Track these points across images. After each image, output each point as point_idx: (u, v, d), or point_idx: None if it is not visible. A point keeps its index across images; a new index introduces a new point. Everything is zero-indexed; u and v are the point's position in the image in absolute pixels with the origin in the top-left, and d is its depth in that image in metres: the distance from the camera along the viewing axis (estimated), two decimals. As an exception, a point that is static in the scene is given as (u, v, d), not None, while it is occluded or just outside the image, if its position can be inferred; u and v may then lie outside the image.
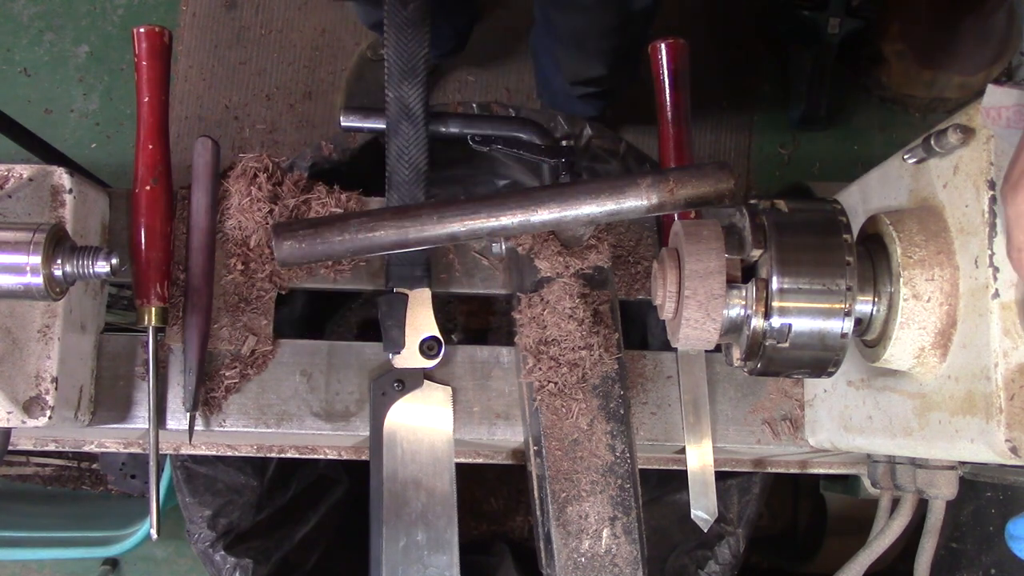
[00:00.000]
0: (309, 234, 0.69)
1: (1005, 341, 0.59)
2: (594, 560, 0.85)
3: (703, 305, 0.64)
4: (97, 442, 1.02)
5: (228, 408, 0.90)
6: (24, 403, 0.79)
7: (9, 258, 0.68)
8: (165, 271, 0.87)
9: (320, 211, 0.91)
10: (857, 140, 2.07)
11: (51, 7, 2.10)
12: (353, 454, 1.02)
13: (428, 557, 0.88)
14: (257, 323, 0.90)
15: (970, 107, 0.62)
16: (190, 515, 1.10)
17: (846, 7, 1.87)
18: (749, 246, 0.65)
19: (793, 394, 0.93)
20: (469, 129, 0.93)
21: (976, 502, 1.11)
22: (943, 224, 0.66)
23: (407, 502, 0.89)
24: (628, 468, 0.87)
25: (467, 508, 1.65)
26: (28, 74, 2.08)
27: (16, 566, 1.95)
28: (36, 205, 0.81)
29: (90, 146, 2.05)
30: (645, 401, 0.93)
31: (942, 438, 0.65)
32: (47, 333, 0.80)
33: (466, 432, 0.92)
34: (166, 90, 0.89)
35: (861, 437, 0.79)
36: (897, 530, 0.84)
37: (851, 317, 0.64)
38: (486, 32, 1.99)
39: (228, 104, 2.03)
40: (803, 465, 1.06)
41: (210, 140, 0.91)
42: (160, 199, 0.87)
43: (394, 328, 0.90)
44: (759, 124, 2.07)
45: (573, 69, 1.55)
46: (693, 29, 2.03)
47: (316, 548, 1.28)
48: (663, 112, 0.95)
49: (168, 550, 1.95)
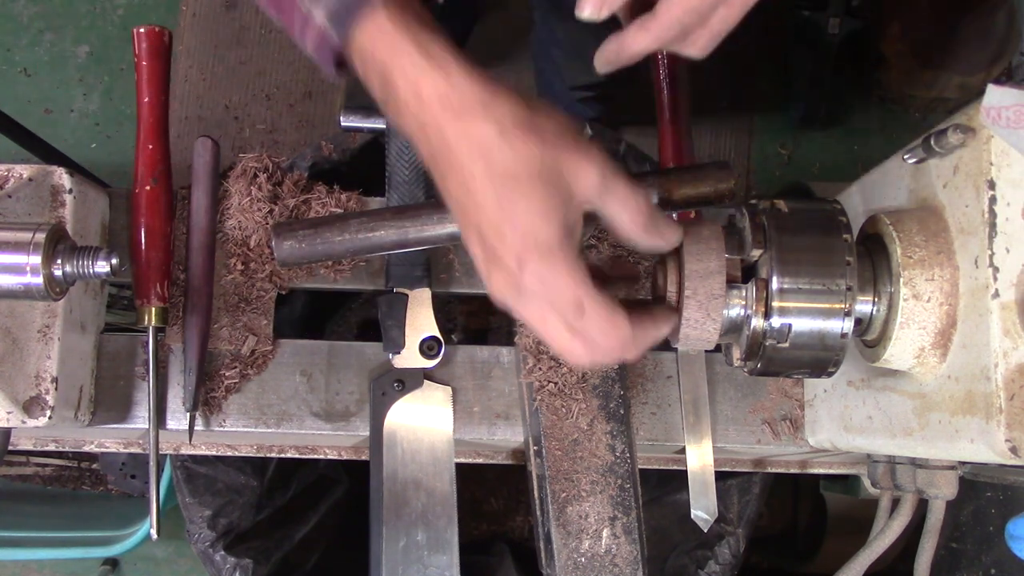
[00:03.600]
0: (309, 234, 0.69)
1: (1005, 341, 0.59)
2: (594, 560, 0.85)
3: (703, 305, 0.64)
4: (97, 442, 1.02)
5: (228, 408, 0.90)
6: (24, 403, 0.79)
7: (9, 258, 0.68)
8: (165, 271, 0.87)
9: (320, 211, 0.91)
10: (857, 140, 2.07)
11: (51, 7, 2.10)
12: (353, 454, 1.02)
13: (428, 557, 0.88)
14: (257, 323, 0.90)
15: (970, 107, 0.62)
16: (190, 515, 1.10)
17: (846, 7, 1.87)
18: (749, 246, 0.65)
19: (793, 394, 0.93)
20: (469, 129, 0.93)
21: (976, 502, 1.11)
22: (943, 224, 0.66)
23: (407, 502, 0.89)
24: (628, 468, 0.87)
25: (467, 508, 1.65)
26: (28, 74, 2.08)
27: (16, 566, 1.95)
28: (36, 205, 0.81)
29: (90, 146, 2.05)
30: (645, 401, 0.93)
31: (942, 438, 0.65)
32: (47, 333, 0.80)
33: (466, 432, 0.92)
34: (166, 90, 0.88)
35: (861, 437, 0.79)
36: (897, 530, 0.84)
37: (851, 317, 0.64)
38: (486, 32, 1.99)
39: (228, 104, 2.03)
40: (803, 465, 1.06)
41: (210, 140, 0.91)
42: (160, 199, 0.87)
43: (394, 328, 0.90)
44: (759, 124, 2.07)
45: (573, 75, 1.55)
46: (693, 29, 2.03)
47: (316, 548, 1.28)
48: (663, 112, 0.95)
49: (168, 550, 1.95)
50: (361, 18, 0.54)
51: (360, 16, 0.54)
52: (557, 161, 0.53)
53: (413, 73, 0.54)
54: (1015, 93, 0.57)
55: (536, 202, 0.53)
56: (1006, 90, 0.57)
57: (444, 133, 0.54)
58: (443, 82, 0.53)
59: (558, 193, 0.54)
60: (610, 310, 0.56)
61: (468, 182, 0.54)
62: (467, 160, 0.53)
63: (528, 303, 0.56)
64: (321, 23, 0.56)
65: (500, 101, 0.53)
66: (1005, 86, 0.57)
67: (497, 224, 0.54)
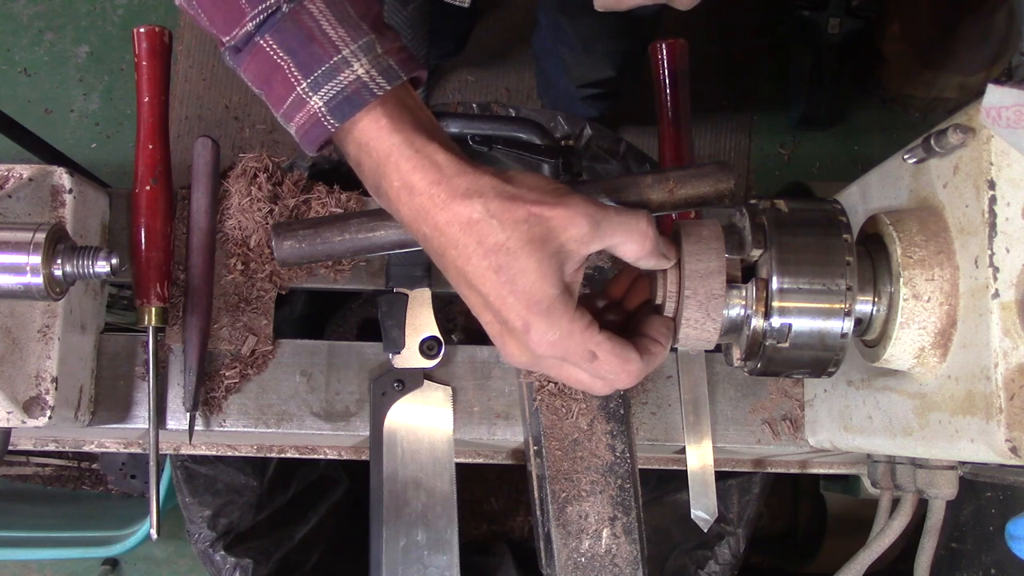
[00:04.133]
0: (309, 234, 0.69)
1: (1005, 341, 0.59)
2: (594, 560, 0.85)
3: (703, 305, 0.64)
4: (97, 442, 1.02)
5: (228, 408, 0.90)
6: (24, 403, 0.79)
7: (9, 258, 0.68)
8: (165, 271, 0.87)
9: (320, 211, 0.92)
10: (857, 140, 2.07)
11: (51, 7, 2.10)
12: (353, 454, 1.02)
13: (428, 557, 0.88)
14: (257, 323, 0.90)
15: (970, 107, 0.62)
16: (190, 515, 1.10)
17: (846, 7, 1.87)
18: (749, 246, 0.65)
19: (793, 394, 0.93)
20: (469, 129, 0.93)
21: (976, 502, 1.11)
22: (943, 224, 0.66)
23: (407, 502, 0.89)
24: (628, 468, 0.87)
25: (467, 508, 1.65)
26: (28, 74, 2.08)
27: (16, 566, 1.95)
28: (36, 205, 0.81)
29: (90, 146, 2.05)
30: (645, 401, 0.93)
31: (942, 438, 0.65)
32: (47, 333, 0.80)
33: (466, 432, 0.92)
34: (166, 90, 0.89)
35: (861, 437, 0.79)
36: (897, 530, 0.84)
37: (851, 317, 0.64)
38: (486, 32, 2.00)
39: (228, 104, 2.03)
40: (803, 465, 1.06)
41: (210, 140, 0.91)
42: (160, 199, 0.87)
43: (394, 328, 0.90)
44: (759, 124, 2.07)
45: (581, 72, 1.55)
46: (693, 29, 2.04)
47: (316, 548, 1.28)
48: (663, 112, 0.95)
49: (168, 550, 1.95)
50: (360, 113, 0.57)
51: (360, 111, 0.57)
52: (543, 223, 0.56)
53: (406, 168, 0.57)
54: (1015, 93, 0.57)
55: (532, 266, 0.56)
56: (1006, 90, 0.57)
57: (436, 220, 0.57)
58: (434, 175, 0.56)
59: (551, 253, 0.56)
60: (619, 349, 0.60)
61: (465, 261, 0.57)
62: (461, 241, 0.56)
63: (542, 362, 0.60)
64: (317, 109, 0.57)
65: (482, 182, 0.56)
66: (1005, 86, 0.57)
67: (499, 293, 0.57)
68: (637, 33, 1.38)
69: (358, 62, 0.56)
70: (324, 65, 0.56)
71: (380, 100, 0.57)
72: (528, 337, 0.57)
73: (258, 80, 0.60)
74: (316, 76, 0.56)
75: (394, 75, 0.57)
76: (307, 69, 0.57)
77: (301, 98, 0.57)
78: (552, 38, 1.53)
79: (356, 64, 0.56)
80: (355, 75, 0.56)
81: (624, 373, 0.60)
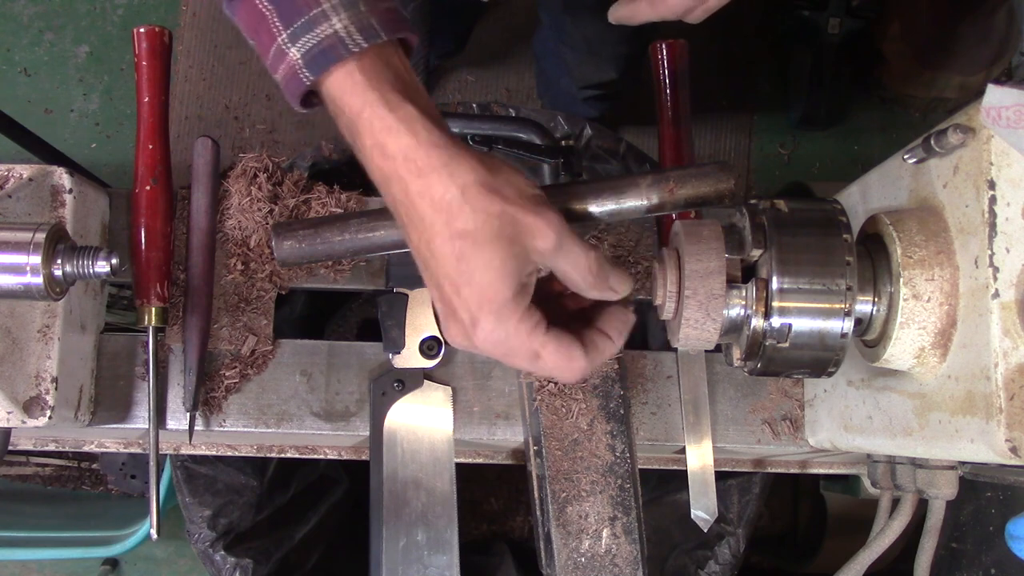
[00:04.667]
0: (309, 234, 0.69)
1: (1005, 341, 0.59)
2: (594, 560, 0.85)
3: (703, 305, 0.64)
4: (97, 442, 1.02)
5: (228, 408, 0.90)
6: (24, 403, 0.79)
7: (9, 258, 0.68)
8: (165, 271, 0.87)
9: (320, 211, 0.92)
10: (857, 140, 2.07)
11: (51, 7, 2.10)
12: (353, 454, 1.02)
13: (428, 557, 0.88)
14: (257, 323, 0.91)
15: (970, 107, 0.62)
16: (190, 515, 1.10)
17: (846, 7, 1.87)
18: (749, 246, 0.65)
19: (793, 394, 0.93)
20: (469, 129, 0.93)
21: (976, 502, 1.11)
22: (943, 224, 0.66)
23: (407, 502, 0.89)
24: (628, 468, 0.87)
25: (467, 508, 1.65)
26: (28, 74, 2.08)
27: (16, 566, 1.95)
28: (36, 205, 0.81)
29: (90, 146, 2.05)
30: (645, 401, 0.93)
31: (942, 438, 0.65)
32: (47, 333, 0.80)
33: (466, 432, 0.92)
34: (166, 90, 0.89)
35: (861, 437, 0.79)
36: (897, 530, 0.84)
37: (851, 317, 0.64)
38: (486, 32, 1.99)
39: (228, 104, 2.03)
40: (803, 465, 1.06)
41: (210, 140, 0.91)
42: (160, 199, 0.87)
43: (394, 328, 0.90)
44: (759, 124, 2.07)
45: (583, 73, 1.55)
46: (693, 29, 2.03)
47: (316, 548, 1.28)
48: (663, 112, 0.95)
49: (168, 550, 1.95)
50: (334, 67, 0.56)
51: (334, 65, 0.56)
52: (515, 223, 0.56)
53: (379, 127, 0.56)
54: (1015, 93, 0.57)
55: (493, 262, 0.55)
56: (1006, 90, 0.57)
57: (407, 188, 0.56)
58: (409, 140, 0.55)
59: (514, 254, 0.56)
60: (564, 348, 0.59)
61: (430, 238, 0.56)
62: (429, 217, 0.56)
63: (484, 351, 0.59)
64: (295, 61, 0.57)
65: (463, 162, 0.55)
66: (1005, 86, 0.57)
67: (454, 280, 0.56)
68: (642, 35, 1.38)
69: (337, 16, 0.56)
70: (303, 17, 0.56)
71: (356, 56, 0.56)
72: (474, 331, 0.57)
73: (249, 29, 0.59)
74: (295, 28, 0.56)
75: (373, 33, 0.56)
76: (287, 20, 0.56)
77: (281, 49, 0.57)
78: (555, 38, 1.53)
79: (335, 18, 0.56)
80: (332, 29, 0.56)
81: (567, 371, 0.60)
